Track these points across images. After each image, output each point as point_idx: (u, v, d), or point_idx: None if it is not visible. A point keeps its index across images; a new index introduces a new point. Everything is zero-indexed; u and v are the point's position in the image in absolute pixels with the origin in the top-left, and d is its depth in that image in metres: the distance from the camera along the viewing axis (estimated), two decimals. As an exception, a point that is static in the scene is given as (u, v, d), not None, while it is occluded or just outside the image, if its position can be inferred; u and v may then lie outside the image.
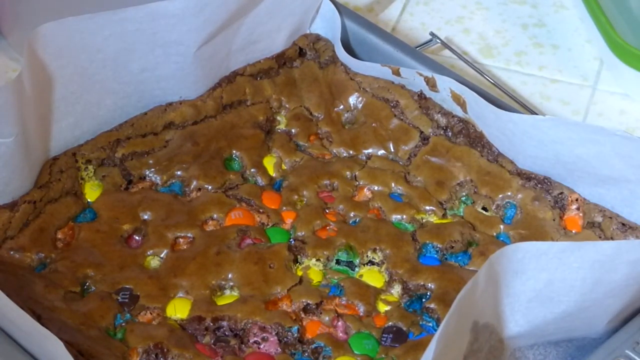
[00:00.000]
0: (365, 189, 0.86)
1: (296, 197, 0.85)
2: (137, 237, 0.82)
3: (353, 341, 0.76)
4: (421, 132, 0.88)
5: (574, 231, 0.82)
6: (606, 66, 1.02)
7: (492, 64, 1.03)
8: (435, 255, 0.81)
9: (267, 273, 0.79)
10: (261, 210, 0.84)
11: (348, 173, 0.87)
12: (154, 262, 0.81)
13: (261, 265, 0.79)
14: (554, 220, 0.82)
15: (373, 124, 0.90)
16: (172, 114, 0.88)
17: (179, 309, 0.77)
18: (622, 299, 0.72)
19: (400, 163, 0.88)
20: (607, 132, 0.77)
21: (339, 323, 0.77)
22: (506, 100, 0.93)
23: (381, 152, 0.89)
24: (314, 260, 0.81)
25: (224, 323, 0.77)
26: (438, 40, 1.01)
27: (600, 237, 0.81)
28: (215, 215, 0.83)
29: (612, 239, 0.81)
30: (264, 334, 0.76)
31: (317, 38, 0.94)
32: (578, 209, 0.83)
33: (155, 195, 0.84)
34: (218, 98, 0.89)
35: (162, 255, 0.81)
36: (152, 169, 0.86)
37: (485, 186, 0.85)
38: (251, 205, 0.84)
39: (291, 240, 0.83)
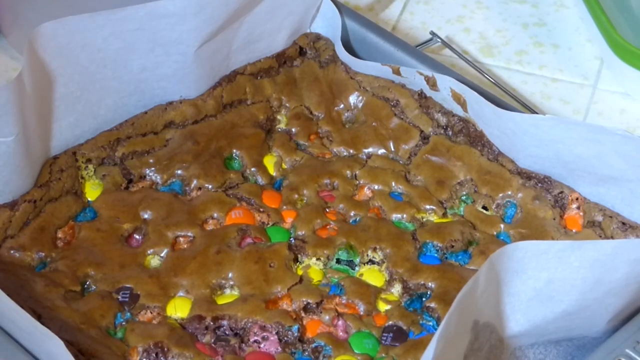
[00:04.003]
0: (365, 188, 0.86)
1: (296, 196, 0.85)
2: (137, 236, 0.82)
3: (353, 340, 0.76)
4: (421, 132, 0.88)
5: (574, 230, 0.82)
6: (606, 65, 1.02)
7: (493, 63, 1.03)
8: (436, 255, 0.81)
9: (267, 272, 0.79)
10: (261, 210, 0.84)
11: (348, 172, 0.87)
12: (154, 262, 0.81)
13: (261, 265, 0.79)
14: (554, 219, 0.82)
15: (373, 123, 0.90)
16: (173, 113, 0.88)
17: (179, 308, 0.77)
18: (622, 298, 0.72)
19: (401, 162, 0.88)
20: (608, 131, 0.77)
21: (339, 322, 0.77)
22: (507, 99, 0.93)
23: (381, 151, 0.89)
24: (314, 259, 0.81)
25: (224, 322, 0.77)
26: (438, 40, 1.01)
27: (600, 236, 0.81)
28: (215, 215, 0.83)
29: (612, 238, 0.81)
30: (265, 333, 0.76)
31: (318, 37, 0.94)
32: (578, 208, 0.83)
33: (156, 195, 0.84)
34: (218, 97, 0.89)
35: (162, 255, 0.81)
36: (153, 168, 0.86)
37: (486, 185, 0.85)
38: (251, 205, 0.84)
39: (291, 239, 0.83)
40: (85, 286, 0.78)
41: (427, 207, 0.84)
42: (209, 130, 0.88)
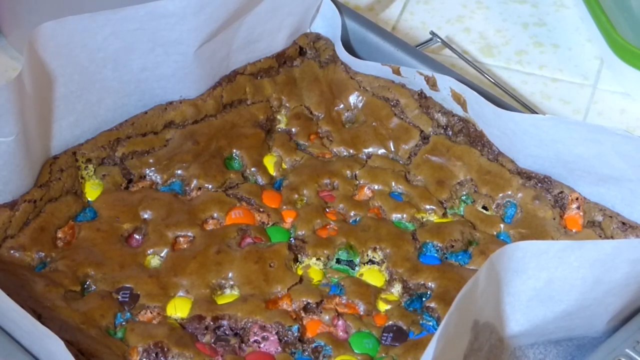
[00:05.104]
0: (365, 188, 0.86)
1: (296, 196, 0.85)
2: (137, 236, 0.82)
3: (353, 340, 0.76)
4: (421, 131, 0.88)
5: (574, 230, 0.82)
6: (606, 65, 1.02)
7: (493, 63, 1.03)
8: (436, 255, 0.81)
9: (267, 272, 0.79)
10: (261, 210, 0.84)
11: (348, 172, 0.87)
12: (154, 261, 0.81)
13: (261, 265, 0.79)
14: (554, 219, 0.82)
15: (373, 123, 0.90)
16: (173, 113, 0.88)
17: (179, 308, 0.77)
18: (622, 298, 0.72)
19: (401, 162, 0.88)
20: (608, 131, 0.77)
21: (339, 322, 0.77)
22: (506, 99, 0.93)
23: (381, 151, 0.89)
24: (314, 259, 0.81)
25: (224, 322, 0.77)
26: (438, 40, 1.01)
27: (600, 236, 0.81)
28: (215, 215, 0.83)
29: (612, 238, 0.81)
30: (264, 333, 0.76)
31: (318, 37, 0.94)
32: (578, 208, 0.83)
33: (156, 195, 0.84)
34: (218, 97, 0.89)
35: (162, 255, 0.81)
36: (153, 168, 0.86)
37: (486, 185, 0.85)
38: (251, 205, 0.84)
39: (291, 239, 0.83)
40: (85, 286, 0.78)
41: (427, 207, 0.84)
42: (209, 130, 0.88)
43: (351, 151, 0.89)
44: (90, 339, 0.74)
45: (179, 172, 0.86)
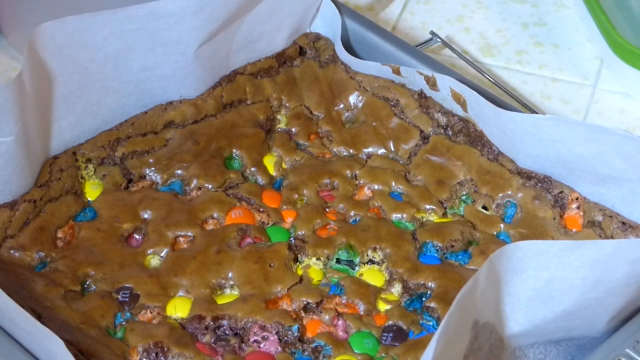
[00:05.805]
0: (365, 188, 0.86)
1: (296, 196, 0.85)
2: (137, 236, 0.82)
3: (353, 340, 0.76)
4: (421, 131, 0.88)
5: (574, 230, 0.82)
6: (606, 65, 1.02)
7: (493, 63, 1.03)
8: (436, 254, 0.81)
9: (267, 272, 0.79)
10: (261, 209, 0.84)
11: (348, 172, 0.87)
12: (154, 261, 0.81)
13: (261, 264, 0.79)
14: (554, 219, 0.82)
15: (373, 123, 0.90)
16: (173, 113, 0.88)
17: (179, 308, 0.77)
18: (622, 298, 0.72)
19: (401, 162, 0.88)
20: (608, 131, 0.78)
21: (339, 322, 0.77)
22: (506, 99, 0.93)
23: (381, 151, 0.89)
24: (314, 259, 0.81)
25: (224, 322, 0.77)
26: (438, 39, 1.01)
27: (600, 236, 0.81)
28: (215, 214, 0.83)
29: (612, 237, 0.81)
30: (264, 333, 0.76)
31: (318, 37, 0.94)
32: (578, 207, 0.83)
33: (156, 194, 0.84)
34: (218, 97, 0.89)
35: (162, 254, 0.81)
36: (153, 168, 0.86)
37: (486, 185, 0.85)
38: (251, 204, 0.84)
39: (291, 239, 0.83)
40: (85, 286, 0.79)
41: (427, 207, 0.84)
42: (209, 130, 0.88)
43: (351, 151, 0.89)
44: (90, 339, 0.74)
45: (179, 172, 0.86)
